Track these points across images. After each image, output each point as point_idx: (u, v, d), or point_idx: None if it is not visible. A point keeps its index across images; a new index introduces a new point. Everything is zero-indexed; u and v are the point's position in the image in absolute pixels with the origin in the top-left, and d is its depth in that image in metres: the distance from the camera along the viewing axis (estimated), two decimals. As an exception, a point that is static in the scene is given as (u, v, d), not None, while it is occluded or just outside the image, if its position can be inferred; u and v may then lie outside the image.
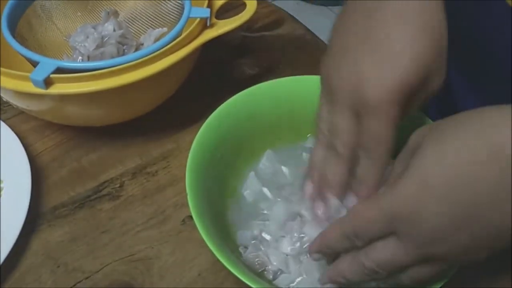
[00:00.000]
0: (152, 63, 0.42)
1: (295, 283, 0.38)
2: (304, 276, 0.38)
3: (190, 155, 0.40)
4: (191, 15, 0.46)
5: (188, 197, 0.38)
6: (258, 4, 0.48)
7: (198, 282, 0.41)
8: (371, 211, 0.29)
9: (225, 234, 0.40)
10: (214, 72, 0.57)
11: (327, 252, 0.34)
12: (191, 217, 0.44)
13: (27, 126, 0.51)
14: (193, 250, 0.43)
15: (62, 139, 0.51)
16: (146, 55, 0.41)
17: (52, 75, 0.40)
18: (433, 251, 0.28)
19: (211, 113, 0.44)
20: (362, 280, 0.32)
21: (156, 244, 0.43)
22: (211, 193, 0.41)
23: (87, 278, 0.41)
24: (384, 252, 0.30)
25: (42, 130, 0.51)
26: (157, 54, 0.42)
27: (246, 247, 0.40)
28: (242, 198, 0.43)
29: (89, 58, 0.50)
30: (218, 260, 0.35)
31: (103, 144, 0.50)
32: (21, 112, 0.51)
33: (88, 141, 0.51)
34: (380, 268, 0.30)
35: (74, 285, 0.40)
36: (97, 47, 0.50)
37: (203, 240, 0.36)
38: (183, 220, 0.45)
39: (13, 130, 0.47)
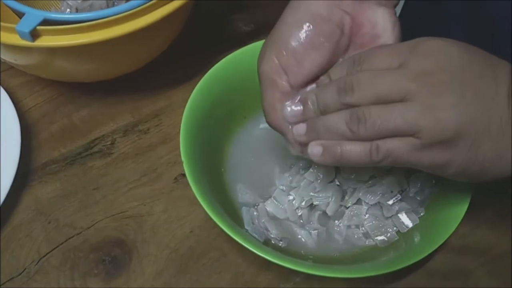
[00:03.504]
0: (142, 15, 0.40)
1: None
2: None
3: (183, 116, 0.39)
4: (183, -34, 0.44)
5: (182, 153, 0.38)
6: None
7: (190, 239, 0.41)
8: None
9: (219, 192, 0.40)
10: (208, 28, 0.55)
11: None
12: (183, 175, 0.44)
13: (17, 81, 0.50)
14: (186, 208, 0.42)
15: (52, 95, 0.50)
16: (137, 7, 0.40)
17: (39, 27, 0.39)
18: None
19: (205, 70, 0.43)
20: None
21: (149, 201, 0.43)
22: (204, 152, 0.40)
23: (78, 234, 0.41)
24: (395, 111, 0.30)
25: (32, 86, 0.50)
26: (148, 5, 0.40)
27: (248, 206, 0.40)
28: (236, 156, 0.43)
29: (77, 11, 0.48)
30: (209, 217, 0.35)
31: (94, 101, 0.49)
32: (10, 67, 0.50)
33: (79, 97, 0.49)
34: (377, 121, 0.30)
35: (66, 240, 0.40)
36: (86, -1, 0.48)
37: (195, 198, 0.36)
38: (176, 178, 0.44)
39: (2, 85, 0.46)
